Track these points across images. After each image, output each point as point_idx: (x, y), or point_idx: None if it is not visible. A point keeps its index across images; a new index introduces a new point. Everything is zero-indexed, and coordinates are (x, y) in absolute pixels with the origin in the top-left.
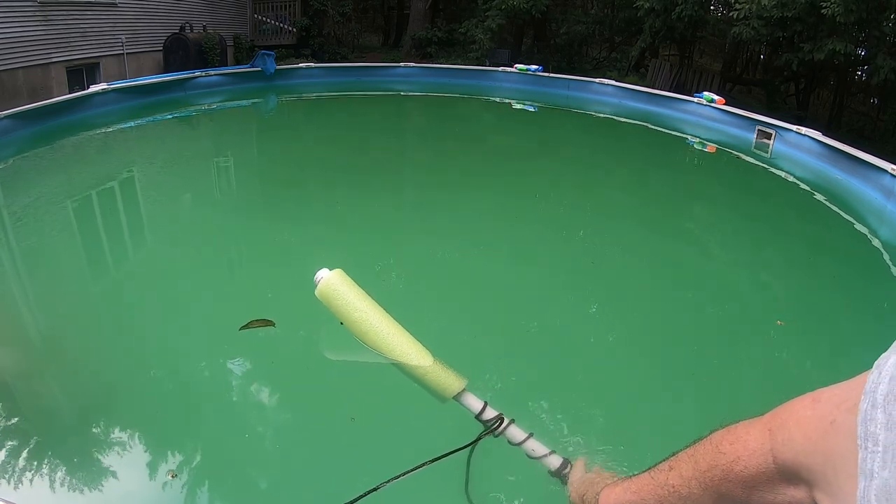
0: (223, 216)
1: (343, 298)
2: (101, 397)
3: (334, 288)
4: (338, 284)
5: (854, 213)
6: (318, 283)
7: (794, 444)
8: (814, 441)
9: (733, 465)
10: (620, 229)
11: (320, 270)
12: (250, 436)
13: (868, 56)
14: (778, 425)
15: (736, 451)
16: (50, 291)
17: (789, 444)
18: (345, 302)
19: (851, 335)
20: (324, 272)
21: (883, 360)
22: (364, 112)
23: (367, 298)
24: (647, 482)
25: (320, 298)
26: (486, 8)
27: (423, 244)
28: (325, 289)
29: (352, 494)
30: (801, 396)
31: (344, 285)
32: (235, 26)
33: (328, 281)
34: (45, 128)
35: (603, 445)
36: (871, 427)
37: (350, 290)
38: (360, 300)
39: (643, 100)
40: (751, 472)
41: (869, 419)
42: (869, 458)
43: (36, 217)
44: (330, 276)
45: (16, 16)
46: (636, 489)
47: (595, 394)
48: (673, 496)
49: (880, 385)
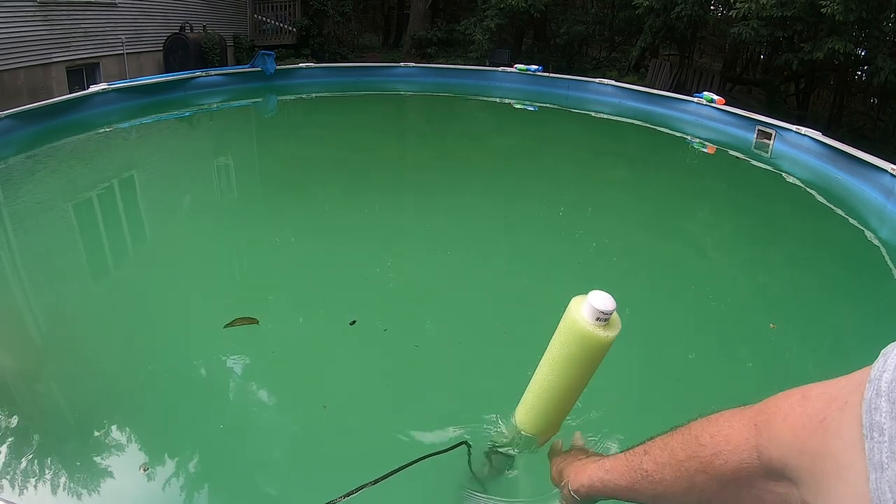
0: (222, 216)
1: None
2: (101, 397)
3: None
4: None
5: (854, 213)
6: (606, 315)
7: (781, 441)
8: (802, 440)
9: (713, 459)
10: (620, 229)
11: (605, 299)
12: (247, 432)
13: (868, 56)
14: (764, 421)
15: (717, 444)
16: (49, 291)
17: (775, 442)
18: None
19: (851, 335)
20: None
21: (890, 348)
22: (364, 112)
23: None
24: (621, 462)
25: (575, 325)
26: (486, 8)
27: (423, 244)
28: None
29: (331, 485)
30: (788, 391)
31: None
32: (235, 26)
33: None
34: (45, 128)
35: (597, 444)
36: (876, 416)
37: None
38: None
39: (643, 100)
40: (731, 467)
41: (874, 408)
42: (876, 448)
43: (36, 217)
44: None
45: (16, 16)
46: (609, 468)
47: (593, 393)
48: (644, 480)
49: (885, 373)
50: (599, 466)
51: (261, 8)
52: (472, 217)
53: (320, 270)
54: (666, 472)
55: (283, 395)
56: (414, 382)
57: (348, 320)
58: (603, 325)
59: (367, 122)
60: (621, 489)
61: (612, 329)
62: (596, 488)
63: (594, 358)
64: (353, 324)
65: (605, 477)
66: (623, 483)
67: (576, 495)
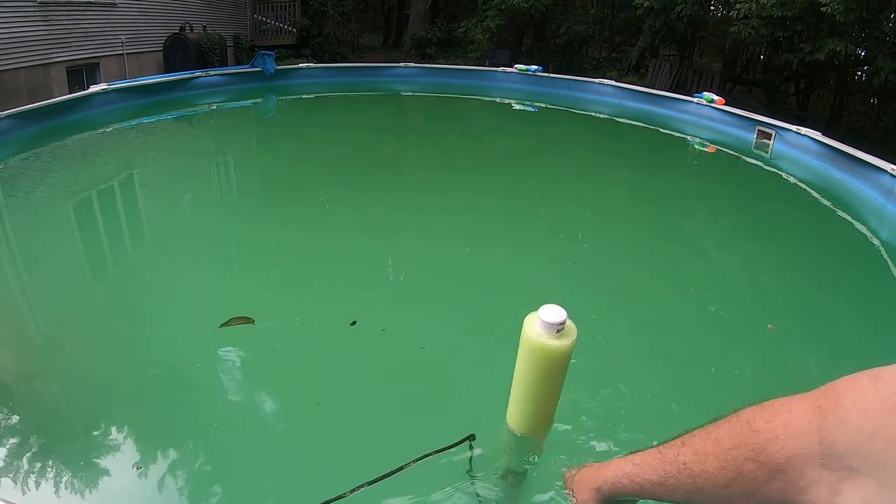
0: (222, 216)
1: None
2: (99, 396)
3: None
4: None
5: (854, 213)
6: (558, 325)
7: (849, 425)
8: (875, 423)
9: (767, 445)
10: (620, 229)
11: (553, 312)
12: (245, 431)
13: (868, 56)
14: (830, 403)
15: (773, 429)
16: (48, 291)
17: (842, 426)
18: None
19: (851, 335)
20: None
21: None
22: (364, 112)
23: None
24: (653, 456)
25: (530, 337)
26: (486, 8)
27: (423, 243)
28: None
29: (327, 484)
30: (854, 375)
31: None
32: (235, 26)
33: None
34: (45, 128)
35: (595, 444)
36: None
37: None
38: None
39: (643, 100)
40: (786, 453)
41: None
42: None
43: (35, 217)
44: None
45: (16, 16)
46: (639, 462)
47: (592, 392)
48: (681, 473)
49: None
50: (627, 461)
51: (261, 8)
52: (471, 216)
53: (320, 269)
54: (709, 462)
55: (282, 393)
56: (413, 382)
57: (347, 318)
58: (556, 335)
59: (367, 122)
60: (651, 484)
61: (567, 338)
62: (621, 484)
63: (556, 366)
64: (354, 324)
65: (634, 471)
66: (654, 477)
67: (597, 493)
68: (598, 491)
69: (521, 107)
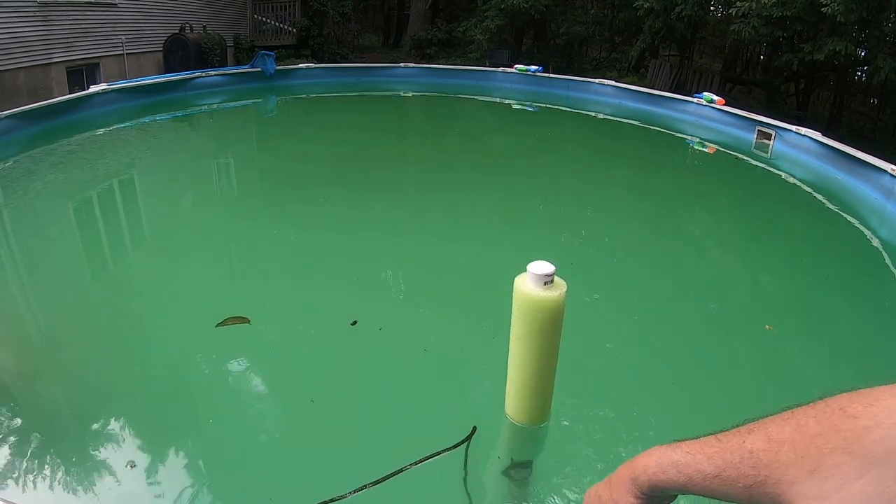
0: (221, 215)
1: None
2: (97, 395)
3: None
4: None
5: (854, 213)
6: (545, 278)
7: None
8: None
9: (864, 434)
10: (620, 229)
11: (541, 265)
12: (244, 430)
13: (868, 56)
14: None
15: (874, 415)
16: (47, 290)
17: None
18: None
19: (851, 335)
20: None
21: None
22: (363, 112)
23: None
24: (709, 444)
25: (522, 291)
26: (486, 8)
27: (422, 243)
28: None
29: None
30: None
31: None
32: (235, 26)
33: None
34: (45, 128)
35: (595, 445)
36: None
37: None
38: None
39: (643, 100)
40: (889, 445)
41: None
42: None
43: (35, 216)
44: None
45: (16, 16)
46: (691, 449)
47: (591, 393)
48: (744, 463)
49: None
50: (674, 449)
51: (261, 8)
52: (471, 215)
53: (319, 268)
54: (784, 451)
55: (280, 393)
56: (413, 380)
57: (346, 317)
58: (547, 287)
59: (366, 122)
60: (704, 476)
61: (558, 289)
62: (666, 475)
63: (551, 321)
64: (355, 324)
65: (683, 460)
66: (709, 468)
67: (633, 485)
68: (635, 482)
69: (521, 107)
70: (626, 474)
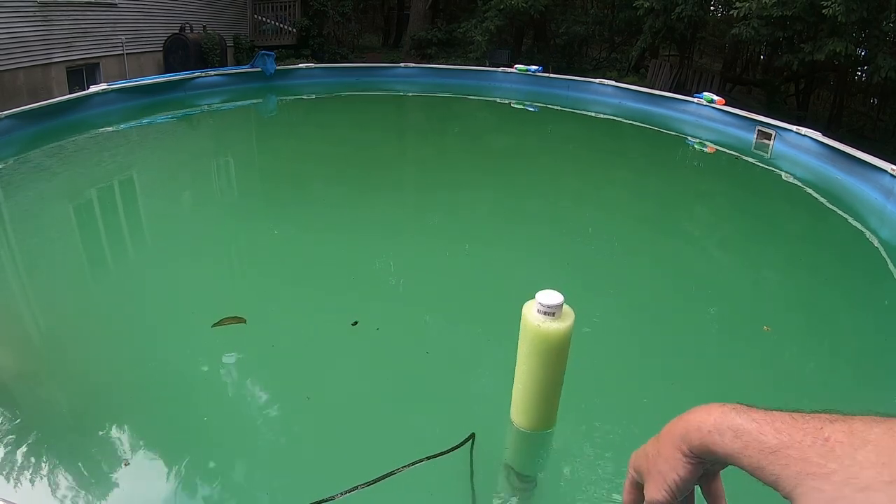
0: (221, 215)
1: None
2: (95, 395)
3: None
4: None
5: (854, 213)
6: (553, 309)
7: None
8: None
9: None
10: (620, 229)
11: (549, 295)
12: (240, 427)
13: (868, 56)
14: None
15: None
16: (46, 290)
17: None
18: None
19: (851, 335)
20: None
21: None
22: (363, 112)
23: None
24: (779, 418)
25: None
26: (486, 9)
27: (422, 242)
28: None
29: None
30: None
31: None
32: (235, 26)
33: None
34: (45, 128)
35: (594, 445)
36: None
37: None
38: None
39: (643, 100)
40: None
41: None
42: None
43: (35, 217)
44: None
45: (16, 16)
46: (759, 417)
47: (589, 394)
48: (813, 449)
49: None
50: (739, 412)
51: (261, 8)
52: (471, 215)
53: (319, 268)
54: (867, 450)
55: (279, 392)
56: (412, 381)
57: (345, 317)
58: (553, 318)
59: (366, 122)
60: (762, 449)
61: (565, 320)
62: (722, 438)
63: (556, 350)
64: (356, 324)
65: (747, 426)
66: (773, 441)
67: (683, 443)
68: (684, 438)
69: (521, 107)
70: (678, 429)
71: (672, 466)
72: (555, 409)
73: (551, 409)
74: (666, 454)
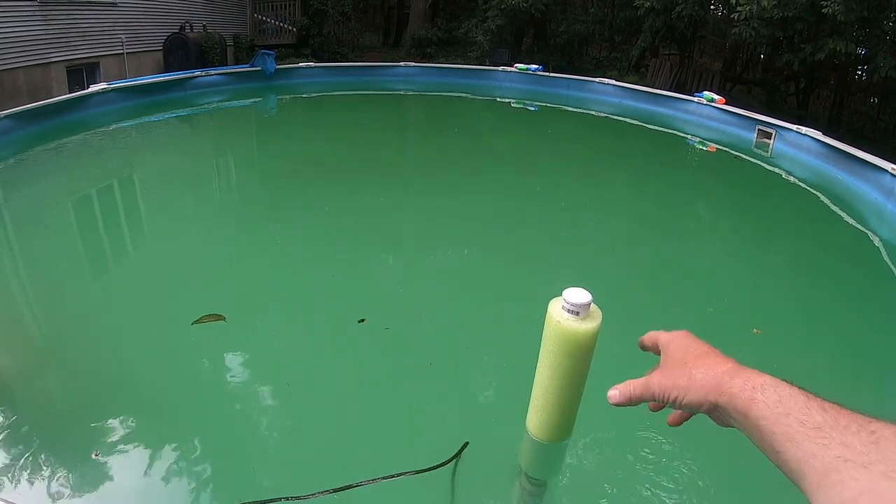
0: (221, 214)
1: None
2: (99, 396)
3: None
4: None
5: (854, 213)
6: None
7: None
8: None
9: None
10: (620, 229)
11: (577, 293)
12: (237, 426)
13: (868, 55)
14: None
15: None
16: (44, 291)
17: None
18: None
19: (851, 335)
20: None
21: None
22: (364, 111)
23: None
24: (828, 402)
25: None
26: (486, 8)
27: (421, 242)
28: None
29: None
30: None
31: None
32: (235, 26)
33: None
34: (45, 128)
35: (595, 446)
36: None
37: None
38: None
39: (643, 99)
40: None
41: None
42: None
43: (35, 217)
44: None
45: (16, 16)
46: (806, 394)
47: (594, 399)
48: (857, 437)
49: None
50: (790, 385)
51: (261, 7)
52: (471, 214)
53: (318, 268)
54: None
55: (277, 392)
56: (411, 383)
57: (345, 317)
58: (579, 318)
59: (367, 122)
60: (803, 422)
61: (592, 321)
62: (764, 395)
63: (581, 351)
64: (363, 322)
65: (794, 396)
66: (817, 418)
67: (715, 393)
68: (717, 389)
69: (521, 106)
70: (715, 375)
71: (690, 393)
72: (573, 418)
73: (570, 417)
74: (692, 382)
